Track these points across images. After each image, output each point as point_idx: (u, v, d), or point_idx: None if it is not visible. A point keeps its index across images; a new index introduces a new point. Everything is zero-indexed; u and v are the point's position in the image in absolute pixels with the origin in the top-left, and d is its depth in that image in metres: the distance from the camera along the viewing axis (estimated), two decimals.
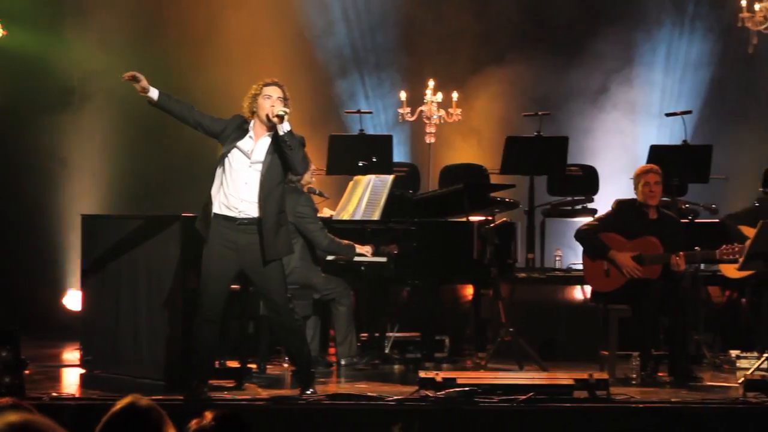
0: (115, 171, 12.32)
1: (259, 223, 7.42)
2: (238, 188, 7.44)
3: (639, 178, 9.07)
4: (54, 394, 7.58)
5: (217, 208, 7.47)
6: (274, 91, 7.46)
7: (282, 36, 12.91)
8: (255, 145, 7.47)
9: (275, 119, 7.28)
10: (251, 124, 7.51)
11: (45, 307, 11.65)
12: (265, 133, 7.47)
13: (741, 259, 8.89)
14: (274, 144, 7.41)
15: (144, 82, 7.44)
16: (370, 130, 12.71)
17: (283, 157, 7.37)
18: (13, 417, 2.52)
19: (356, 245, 9.06)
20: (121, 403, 3.20)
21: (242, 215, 7.44)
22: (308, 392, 7.56)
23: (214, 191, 7.48)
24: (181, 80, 11.96)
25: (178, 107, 7.57)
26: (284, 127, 7.27)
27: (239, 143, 7.47)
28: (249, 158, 7.44)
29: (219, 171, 7.50)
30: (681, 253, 8.68)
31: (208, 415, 3.08)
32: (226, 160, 7.47)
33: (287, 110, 7.32)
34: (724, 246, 8.81)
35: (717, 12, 13.18)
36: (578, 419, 7.39)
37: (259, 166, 7.42)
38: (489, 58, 13.39)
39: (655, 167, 9.17)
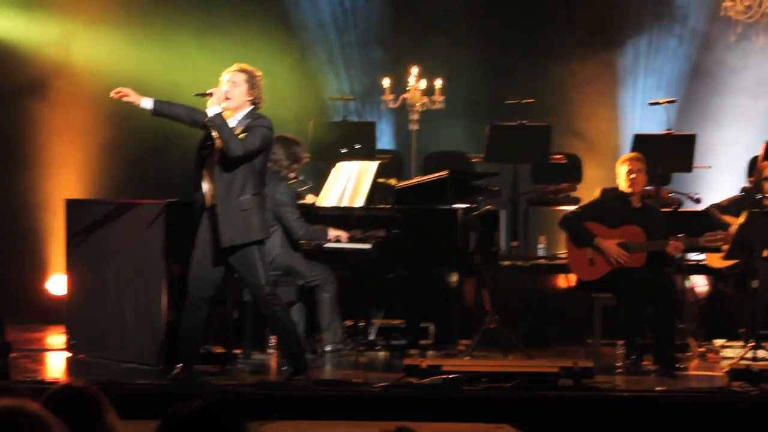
0: (97, 156, 12.27)
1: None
2: (209, 174, 7.48)
3: (622, 165, 9.10)
4: (39, 378, 7.57)
5: (205, 192, 7.53)
6: (225, 76, 7.56)
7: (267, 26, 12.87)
8: None
9: (203, 97, 7.36)
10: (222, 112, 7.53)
11: (29, 292, 11.60)
12: (229, 119, 7.48)
13: (725, 248, 8.92)
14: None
15: (133, 96, 7.50)
16: (354, 117, 12.69)
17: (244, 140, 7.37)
18: (4, 402, 2.51)
19: (329, 228, 9.03)
20: (58, 385, 3.19)
21: (212, 200, 7.47)
22: (296, 379, 7.55)
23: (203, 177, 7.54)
24: (162, 67, 11.94)
25: (175, 111, 7.67)
26: (210, 110, 7.35)
27: (213, 131, 7.48)
28: (216, 143, 7.46)
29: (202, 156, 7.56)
30: (673, 237, 8.73)
31: (194, 403, 3.04)
32: (206, 146, 7.51)
33: (209, 91, 7.40)
34: (707, 233, 8.86)
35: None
36: (563, 407, 7.40)
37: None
38: (474, 44, 13.36)
39: (638, 155, 9.20)
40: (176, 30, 12.56)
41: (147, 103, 7.56)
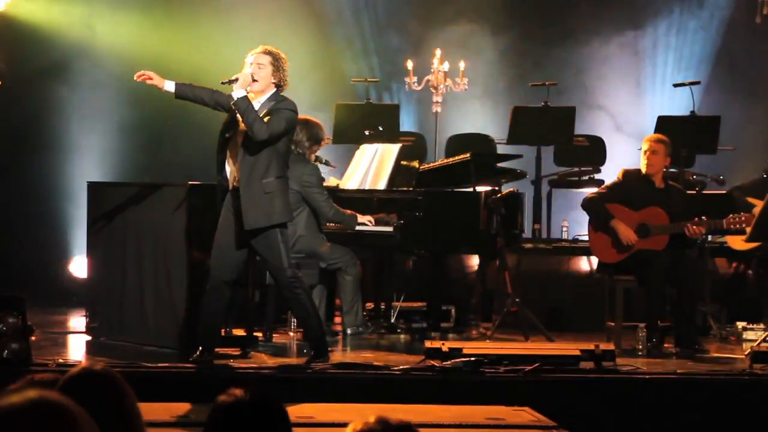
0: (119, 138, 12.29)
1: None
2: (232, 156, 7.48)
3: (643, 146, 9.09)
4: (60, 360, 7.59)
5: (227, 175, 7.53)
6: (249, 58, 7.52)
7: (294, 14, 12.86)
8: None
9: (230, 84, 7.35)
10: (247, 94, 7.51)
11: (51, 274, 11.64)
12: (252, 101, 7.47)
13: (749, 230, 8.88)
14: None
15: (156, 79, 7.52)
16: (377, 99, 12.68)
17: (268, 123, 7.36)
18: (31, 394, 2.51)
19: (358, 215, 9.05)
20: (76, 368, 3.19)
21: (235, 182, 7.48)
22: (316, 361, 7.55)
23: (226, 160, 7.54)
24: (184, 49, 11.95)
25: (198, 93, 7.66)
26: (236, 93, 7.32)
27: (238, 114, 7.47)
28: (240, 125, 7.46)
29: (225, 139, 7.56)
30: (696, 219, 8.69)
31: (239, 393, 3.04)
32: (230, 128, 7.52)
33: (235, 77, 7.36)
34: (731, 215, 8.81)
35: None
36: (584, 390, 7.40)
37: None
38: (497, 27, 13.33)
39: (657, 136, 9.14)
40: (198, 12, 12.56)
41: (169, 86, 7.58)
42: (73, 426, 2.45)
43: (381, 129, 11.07)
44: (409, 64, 11.97)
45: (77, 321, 9.74)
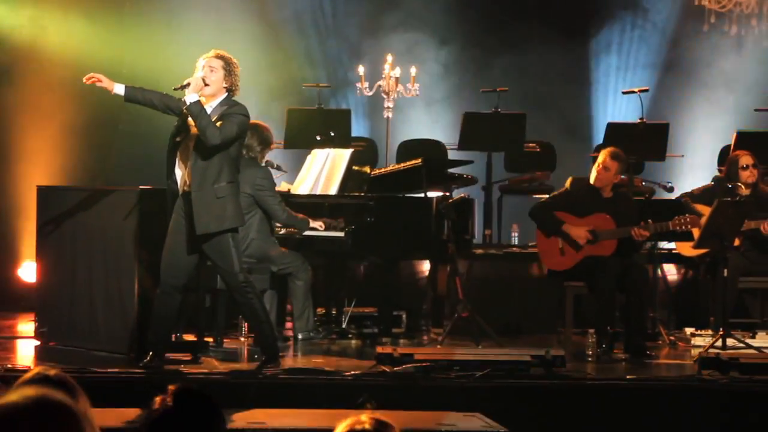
0: (68, 142, 12.19)
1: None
2: (183, 160, 7.47)
3: (595, 156, 9.15)
4: (8, 365, 7.54)
5: (177, 179, 7.50)
6: (201, 62, 7.51)
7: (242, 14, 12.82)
8: None
9: (182, 89, 7.34)
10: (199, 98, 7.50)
11: (0, 279, 11.54)
12: (205, 104, 7.46)
13: (696, 234, 8.95)
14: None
15: (106, 82, 7.51)
16: (329, 104, 12.67)
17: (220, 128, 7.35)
18: (30, 391, 2.51)
19: (309, 219, 9.05)
20: (30, 372, 3.18)
21: (186, 187, 7.46)
22: (268, 367, 7.55)
23: (176, 164, 7.51)
24: (135, 54, 11.88)
25: (148, 97, 7.65)
26: (189, 97, 7.31)
27: (190, 117, 7.46)
28: (191, 130, 7.45)
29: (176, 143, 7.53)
30: (642, 222, 8.76)
31: (170, 390, 3.04)
32: (181, 132, 7.50)
33: (186, 82, 7.34)
34: (676, 217, 8.89)
35: None
36: (535, 395, 7.44)
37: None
38: (448, 33, 13.36)
39: (611, 151, 9.13)
40: (149, 16, 12.49)
41: (119, 89, 7.56)
42: (76, 424, 2.45)
43: (332, 134, 11.06)
44: (361, 70, 11.98)
45: (26, 326, 9.66)
